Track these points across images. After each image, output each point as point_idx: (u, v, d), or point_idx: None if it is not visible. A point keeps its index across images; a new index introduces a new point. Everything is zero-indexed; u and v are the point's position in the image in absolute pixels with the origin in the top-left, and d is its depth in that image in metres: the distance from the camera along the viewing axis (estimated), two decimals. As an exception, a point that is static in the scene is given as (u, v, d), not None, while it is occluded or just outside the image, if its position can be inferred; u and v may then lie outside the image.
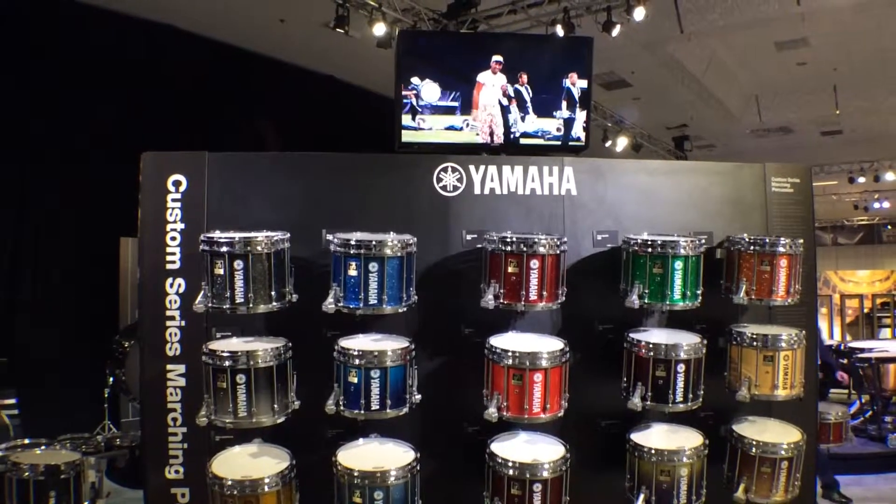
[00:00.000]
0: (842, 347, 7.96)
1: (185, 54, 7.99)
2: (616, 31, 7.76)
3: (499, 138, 4.10)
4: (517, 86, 4.06)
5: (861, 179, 15.90)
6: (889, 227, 23.55)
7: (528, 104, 4.09)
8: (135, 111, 7.29)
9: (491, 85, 4.07)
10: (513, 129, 4.10)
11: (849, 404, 7.86)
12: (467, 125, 4.07)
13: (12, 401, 6.09)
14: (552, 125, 4.15)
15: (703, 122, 13.27)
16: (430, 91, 4.01)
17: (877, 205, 19.42)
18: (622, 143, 12.11)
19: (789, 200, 4.15)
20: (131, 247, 7.15)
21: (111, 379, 5.32)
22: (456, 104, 4.06)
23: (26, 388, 6.22)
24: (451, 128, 4.04)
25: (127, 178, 4.18)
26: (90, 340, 6.81)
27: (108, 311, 7.43)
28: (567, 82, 4.10)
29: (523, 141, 4.13)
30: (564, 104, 4.11)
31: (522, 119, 4.10)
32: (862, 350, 7.50)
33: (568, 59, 4.16)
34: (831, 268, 20.66)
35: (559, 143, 4.18)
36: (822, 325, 12.64)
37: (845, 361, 7.42)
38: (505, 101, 4.09)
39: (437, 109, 4.04)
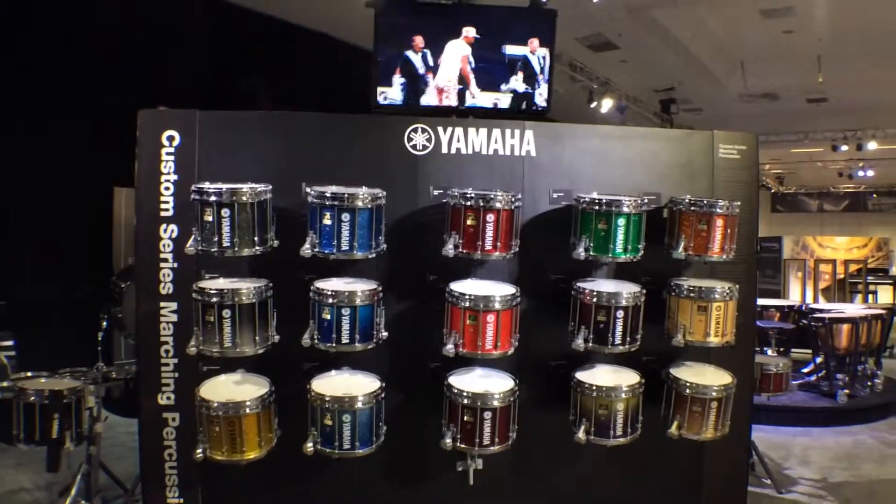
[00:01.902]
0: (802, 308, 8.34)
1: (176, 10, 8.12)
2: (597, -4, 7.97)
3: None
4: None
5: (844, 147, 16.19)
6: (875, 195, 23.89)
7: (472, 77, 4.35)
8: (127, 66, 7.47)
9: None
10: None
11: (807, 362, 8.32)
12: (384, 98, 4.34)
13: (10, 342, 6.36)
14: (488, 99, 4.39)
15: (690, 86, 13.46)
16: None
17: (861, 173, 19.79)
18: (607, 104, 12.33)
19: (735, 166, 4.49)
20: (124, 196, 7.45)
21: (104, 323, 5.64)
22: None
23: (23, 331, 6.50)
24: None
25: (120, 131, 4.49)
26: (85, 285, 7.06)
27: (102, 256, 7.74)
28: (525, 51, 4.34)
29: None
30: (521, 75, 4.38)
31: (462, 92, 4.35)
32: (819, 311, 7.91)
33: (527, 27, 4.39)
34: (816, 233, 21.05)
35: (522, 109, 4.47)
36: (796, 287, 13.10)
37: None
38: (422, 70, 4.35)
39: None
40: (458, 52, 4.35)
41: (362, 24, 4.61)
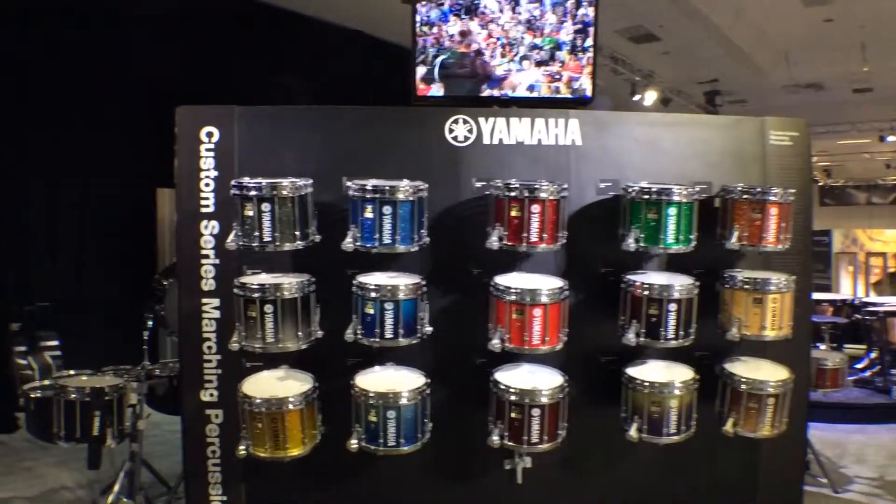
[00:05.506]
0: (855, 302, 8.10)
1: (214, 10, 8.14)
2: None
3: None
4: None
5: (891, 138, 15.75)
6: (925, 187, 23.24)
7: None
8: (166, 67, 7.50)
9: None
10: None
11: (861, 358, 8.07)
12: None
13: (55, 342, 6.45)
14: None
15: (733, 77, 13.19)
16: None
17: (909, 164, 19.25)
18: (651, 97, 12.13)
19: (787, 153, 4.33)
20: (168, 197, 7.53)
21: (150, 322, 5.68)
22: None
23: (69, 332, 6.57)
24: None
25: (160, 131, 4.49)
26: (130, 285, 7.14)
27: (146, 257, 7.84)
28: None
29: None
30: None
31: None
32: (872, 304, 7.66)
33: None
34: (864, 226, 20.52)
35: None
36: (847, 281, 12.78)
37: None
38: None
39: None
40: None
41: (398, 22, 4.56)
